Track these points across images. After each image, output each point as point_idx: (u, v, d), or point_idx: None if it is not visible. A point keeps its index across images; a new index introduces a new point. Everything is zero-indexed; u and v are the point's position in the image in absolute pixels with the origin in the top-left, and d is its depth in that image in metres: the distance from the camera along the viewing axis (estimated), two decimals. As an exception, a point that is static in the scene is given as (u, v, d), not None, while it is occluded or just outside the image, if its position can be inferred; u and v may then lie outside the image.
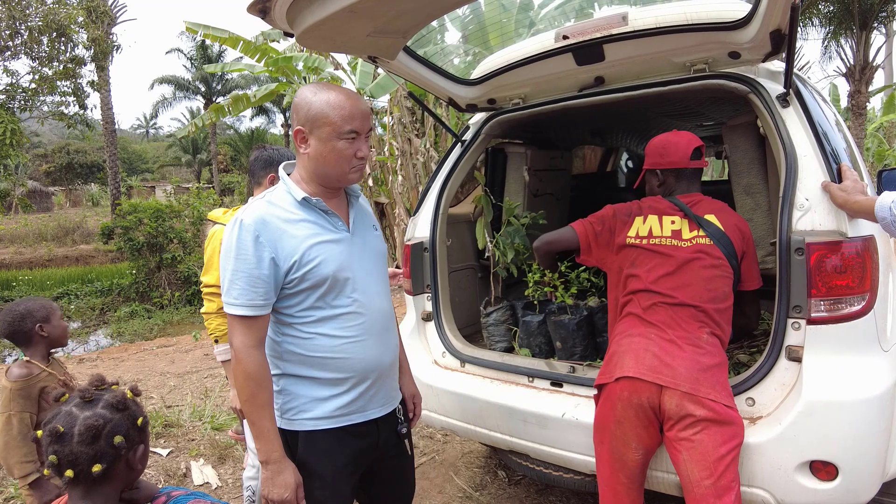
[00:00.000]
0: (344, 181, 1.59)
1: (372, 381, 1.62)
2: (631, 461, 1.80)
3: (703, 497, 1.67)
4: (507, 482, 3.18)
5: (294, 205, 1.55)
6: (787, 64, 1.90)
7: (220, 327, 2.33)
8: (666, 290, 1.90)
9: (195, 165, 39.26)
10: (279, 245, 1.48)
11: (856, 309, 1.74)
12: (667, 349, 1.81)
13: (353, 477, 1.66)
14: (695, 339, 1.83)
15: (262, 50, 8.23)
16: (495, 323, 2.82)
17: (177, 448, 3.80)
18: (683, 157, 2.06)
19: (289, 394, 1.58)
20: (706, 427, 1.69)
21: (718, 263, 1.91)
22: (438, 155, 8.02)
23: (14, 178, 20.80)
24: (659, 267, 1.94)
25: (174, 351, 7.06)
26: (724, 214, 2.00)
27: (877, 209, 1.63)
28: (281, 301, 1.53)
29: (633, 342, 1.87)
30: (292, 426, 1.57)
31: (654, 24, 2.15)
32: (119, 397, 1.15)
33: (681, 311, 1.87)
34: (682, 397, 1.72)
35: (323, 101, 1.50)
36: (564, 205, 3.85)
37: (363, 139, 1.56)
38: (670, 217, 2.00)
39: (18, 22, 11.97)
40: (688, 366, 1.76)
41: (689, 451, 1.70)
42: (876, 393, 1.70)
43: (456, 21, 3.61)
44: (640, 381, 1.77)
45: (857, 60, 13.68)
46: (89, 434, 1.08)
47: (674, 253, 1.94)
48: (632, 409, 1.78)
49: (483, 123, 2.77)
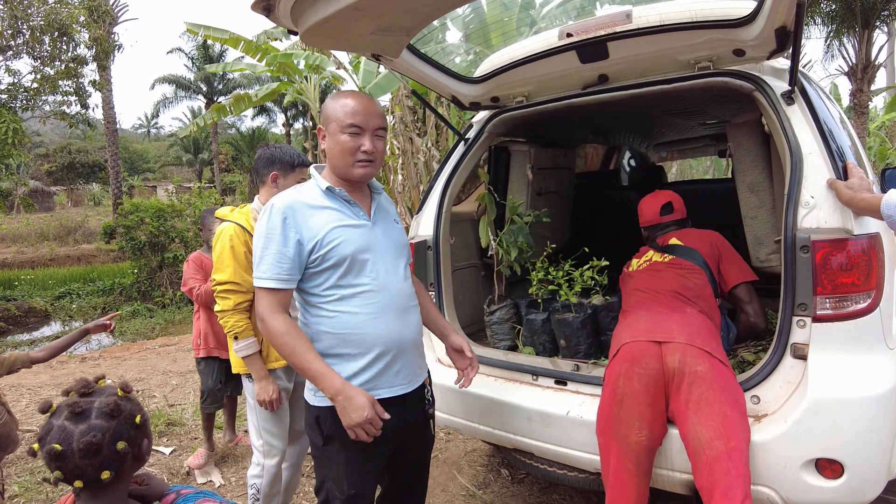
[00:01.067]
0: (349, 174, 1.72)
1: (393, 355, 1.73)
2: (635, 444, 1.81)
3: (715, 458, 1.68)
4: (510, 480, 3.18)
5: (320, 194, 1.73)
6: (793, 61, 1.90)
7: (237, 324, 2.31)
8: (648, 286, 2.25)
9: (196, 165, 39.26)
10: (304, 227, 1.66)
11: (861, 307, 1.74)
12: (657, 316, 2.04)
13: (382, 454, 1.74)
14: (682, 309, 2.08)
15: (263, 49, 8.23)
16: (499, 321, 2.82)
17: (180, 447, 3.80)
18: (654, 215, 2.60)
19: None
20: (711, 387, 1.75)
21: (688, 266, 2.27)
22: (440, 154, 8.02)
23: (16, 178, 20.85)
24: (642, 280, 2.34)
25: (176, 350, 7.07)
26: (683, 235, 2.45)
27: (883, 207, 1.63)
28: (307, 281, 1.70)
29: (625, 323, 2.13)
30: (324, 402, 1.69)
31: (659, 22, 2.14)
32: (110, 403, 1.12)
33: (663, 295, 2.17)
34: (682, 351, 1.81)
35: (334, 103, 1.71)
36: (568, 203, 3.84)
37: (368, 135, 1.68)
38: (645, 255, 2.51)
39: (20, 21, 11.96)
40: (679, 323, 1.95)
41: (697, 413, 1.74)
42: (881, 391, 1.70)
43: (458, 20, 3.60)
44: (638, 343, 1.90)
45: (860, 59, 13.65)
46: (90, 450, 1.06)
47: (649, 270, 2.37)
48: (633, 380, 1.84)
49: (486, 122, 2.77)
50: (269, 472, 2.46)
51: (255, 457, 2.50)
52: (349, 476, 1.70)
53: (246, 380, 2.46)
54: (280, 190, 2.45)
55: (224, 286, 2.32)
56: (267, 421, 2.44)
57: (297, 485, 2.89)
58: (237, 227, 2.37)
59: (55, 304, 12.83)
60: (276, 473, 2.49)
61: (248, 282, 2.33)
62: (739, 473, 1.66)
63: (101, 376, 1.24)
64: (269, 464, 2.46)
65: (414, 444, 1.89)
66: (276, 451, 2.47)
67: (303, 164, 2.46)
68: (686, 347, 1.82)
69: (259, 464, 2.47)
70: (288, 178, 2.45)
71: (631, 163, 5.54)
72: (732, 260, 2.33)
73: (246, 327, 2.32)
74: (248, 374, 2.41)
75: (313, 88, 8.76)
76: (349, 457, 1.70)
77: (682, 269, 2.27)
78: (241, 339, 2.31)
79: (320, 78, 8.77)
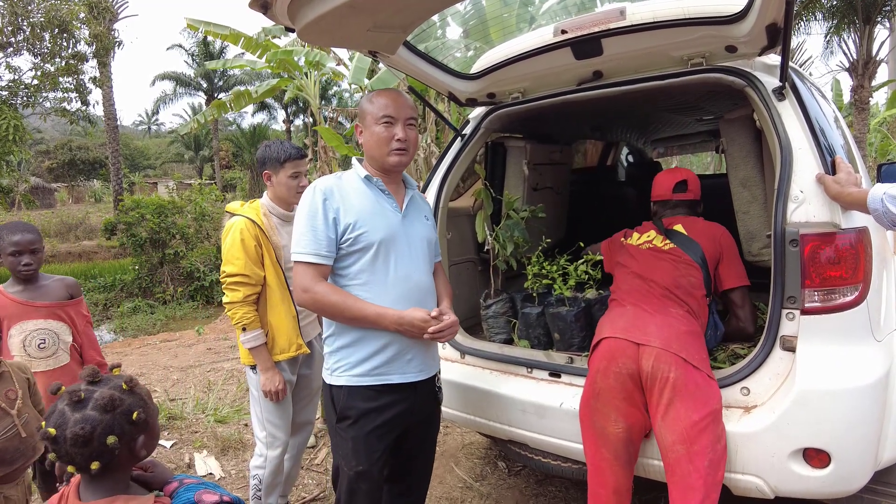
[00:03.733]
0: (385, 163, 1.85)
1: (406, 344, 1.82)
2: (612, 434, 1.85)
3: (676, 462, 1.74)
4: (507, 473, 3.21)
5: (358, 181, 1.88)
6: (783, 57, 1.92)
7: (246, 315, 2.35)
8: (643, 273, 2.23)
9: (197, 162, 39.28)
10: (341, 208, 1.79)
11: (849, 299, 1.77)
12: (640, 315, 2.03)
13: (389, 436, 1.84)
14: (665, 310, 2.05)
15: (263, 46, 8.22)
16: (495, 315, 2.85)
17: (181, 440, 3.85)
18: (667, 191, 2.52)
19: (339, 353, 1.84)
20: (679, 393, 1.78)
21: (685, 260, 2.23)
22: (439, 150, 8.03)
23: (17, 175, 20.87)
24: (636, 263, 2.29)
25: (177, 345, 7.11)
26: (690, 224, 2.36)
27: (869, 201, 1.65)
28: (338, 262, 1.81)
29: (610, 316, 2.13)
30: (338, 381, 1.83)
31: (652, 19, 2.16)
32: (106, 397, 1.13)
33: (653, 289, 2.15)
34: (656, 356, 1.84)
35: (368, 99, 1.87)
36: (564, 199, 3.87)
37: (401, 125, 1.83)
38: (647, 232, 2.43)
39: (20, 18, 11.98)
40: (659, 326, 1.95)
41: (664, 419, 1.79)
42: (868, 382, 1.73)
43: (456, 16, 3.62)
44: (615, 340, 1.92)
45: (860, 55, 13.62)
46: (79, 441, 1.08)
47: (648, 254, 2.31)
48: (610, 377, 1.88)
49: (483, 117, 2.79)
50: (271, 463, 2.50)
51: (257, 448, 2.53)
52: (356, 453, 1.81)
53: (251, 371, 2.49)
54: (276, 187, 2.50)
55: (234, 278, 2.35)
56: (271, 413, 2.48)
57: (297, 476, 2.94)
58: (247, 222, 2.40)
59: (57, 301, 12.85)
60: (279, 465, 2.53)
61: (258, 275, 2.37)
62: (700, 476, 1.71)
63: (116, 364, 1.27)
64: (272, 455, 2.49)
65: (421, 431, 2.00)
66: (280, 443, 2.51)
67: (291, 157, 2.46)
68: (661, 353, 1.85)
69: (262, 455, 2.50)
70: (279, 174, 2.47)
71: (629, 159, 5.56)
72: (732, 262, 2.30)
73: (254, 319, 2.37)
74: (252, 366, 2.45)
75: (313, 85, 8.77)
76: (357, 435, 1.80)
77: (679, 263, 2.25)
78: (249, 330, 2.36)
79: (320, 74, 8.77)
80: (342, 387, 1.82)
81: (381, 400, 1.81)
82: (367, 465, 1.81)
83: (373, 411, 1.80)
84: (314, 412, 2.82)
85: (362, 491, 1.83)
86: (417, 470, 2.06)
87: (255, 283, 2.37)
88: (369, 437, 1.81)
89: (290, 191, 2.48)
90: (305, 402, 2.73)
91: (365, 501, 1.85)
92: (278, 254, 2.45)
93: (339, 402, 1.83)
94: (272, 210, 2.52)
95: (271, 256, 2.43)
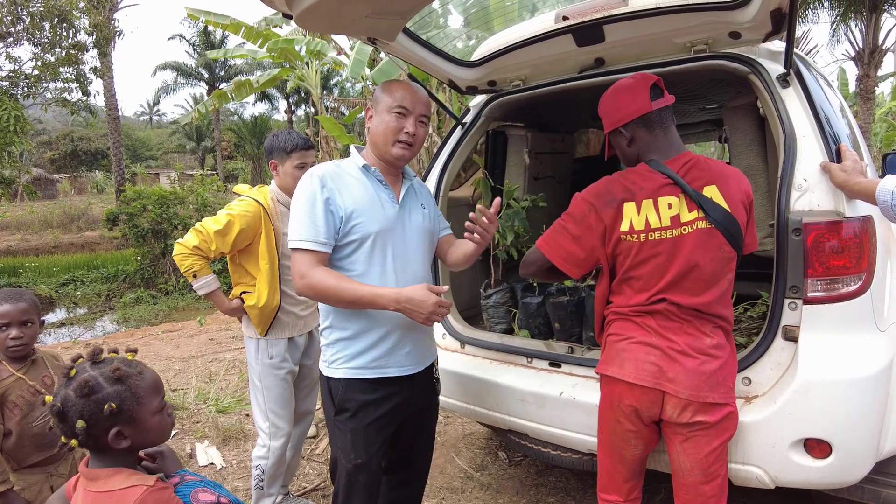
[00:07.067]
0: (387, 154, 1.82)
1: (403, 335, 1.82)
2: (630, 455, 1.80)
3: (692, 485, 1.70)
4: (507, 463, 3.22)
5: (356, 169, 1.85)
6: (788, 44, 1.89)
7: (196, 262, 2.39)
8: (667, 295, 1.68)
9: (199, 152, 39.25)
10: (338, 196, 1.76)
11: (852, 289, 1.74)
12: (669, 356, 1.68)
13: (387, 428, 1.84)
14: (698, 345, 1.67)
15: (264, 35, 8.17)
16: (495, 305, 2.84)
17: (182, 430, 3.86)
18: (643, 102, 1.72)
19: (336, 346, 1.82)
20: (702, 428, 1.68)
21: (722, 252, 1.66)
22: (441, 140, 8.00)
23: (19, 166, 20.81)
24: (659, 268, 1.68)
25: (179, 336, 7.13)
26: (725, 184, 1.67)
27: (878, 192, 1.62)
28: (333, 253, 1.78)
29: (634, 348, 1.72)
30: (336, 374, 1.81)
31: (655, 4, 2.13)
32: (83, 381, 1.14)
33: (683, 314, 1.68)
34: (683, 406, 1.67)
35: (385, 86, 1.85)
36: (565, 188, 3.84)
37: (413, 119, 1.81)
38: (666, 199, 1.66)
39: (20, 8, 11.91)
40: (688, 372, 1.66)
41: (683, 446, 1.70)
42: (871, 372, 1.71)
43: (457, 3, 3.58)
44: (640, 388, 1.69)
45: (867, 44, 13.50)
46: (57, 414, 1.15)
47: (674, 248, 1.66)
48: (632, 415, 1.74)
49: (483, 106, 2.76)
50: (274, 453, 2.50)
51: (260, 438, 2.54)
52: (355, 445, 1.80)
53: (252, 359, 2.50)
54: (282, 176, 2.50)
55: (203, 233, 2.38)
56: (274, 403, 2.49)
57: (298, 466, 2.94)
58: (254, 205, 2.43)
59: (60, 291, 12.94)
60: (282, 455, 2.54)
61: (213, 251, 2.40)
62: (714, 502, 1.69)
63: (132, 349, 1.28)
64: (275, 445, 2.50)
65: (420, 422, 1.99)
66: (283, 433, 2.52)
67: (298, 147, 2.48)
68: (689, 403, 1.66)
69: (265, 445, 2.51)
70: (286, 164, 2.49)
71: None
72: (752, 226, 1.80)
73: (204, 265, 2.42)
74: (251, 338, 2.49)
75: (314, 74, 8.72)
76: (356, 428, 1.79)
77: (718, 261, 1.66)
78: (199, 276, 2.41)
79: (321, 64, 8.72)
80: (340, 379, 1.81)
81: (379, 392, 1.80)
82: (365, 457, 1.80)
83: (371, 403, 1.79)
84: (315, 402, 2.82)
85: (360, 483, 1.83)
86: (416, 461, 2.06)
87: (207, 249, 2.39)
88: (368, 430, 1.80)
89: (296, 181, 2.46)
90: (306, 392, 2.73)
91: (363, 494, 1.84)
92: (278, 240, 2.46)
93: (337, 395, 1.82)
94: (279, 198, 2.53)
95: (270, 242, 2.43)
